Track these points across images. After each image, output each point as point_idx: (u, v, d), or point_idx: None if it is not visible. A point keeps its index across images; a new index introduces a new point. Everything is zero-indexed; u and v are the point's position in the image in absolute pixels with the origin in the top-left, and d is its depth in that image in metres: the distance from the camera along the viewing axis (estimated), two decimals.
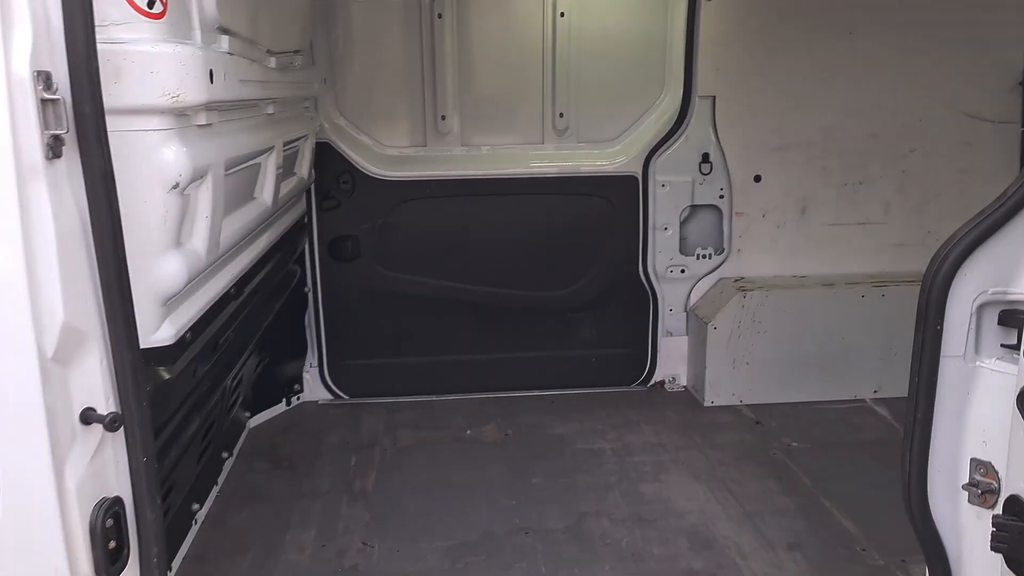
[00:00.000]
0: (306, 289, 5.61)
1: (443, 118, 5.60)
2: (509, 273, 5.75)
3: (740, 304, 5.48)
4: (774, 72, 5.56)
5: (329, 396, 5.83)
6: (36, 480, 1.67)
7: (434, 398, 5.80)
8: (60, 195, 1.66)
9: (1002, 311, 2.05)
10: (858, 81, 5.58)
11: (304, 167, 4.95)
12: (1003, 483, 1.98)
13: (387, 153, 5.65)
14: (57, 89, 1.64)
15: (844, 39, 5.52)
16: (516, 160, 5.67)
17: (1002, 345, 2.06)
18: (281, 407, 5.63)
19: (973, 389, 2.04)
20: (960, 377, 2.07)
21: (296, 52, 4.52)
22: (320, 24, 5.33)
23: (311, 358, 5.77)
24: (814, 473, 4.66)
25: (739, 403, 5.59)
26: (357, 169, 5.50)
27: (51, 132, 1.63)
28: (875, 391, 5.61)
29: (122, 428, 1.80)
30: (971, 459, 2.06)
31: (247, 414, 5.29)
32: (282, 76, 4.08)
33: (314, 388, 5.80)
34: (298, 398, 5.75)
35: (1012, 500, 1.93)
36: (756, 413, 5.47)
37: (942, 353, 2.10)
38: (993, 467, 2.01)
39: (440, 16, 5.44)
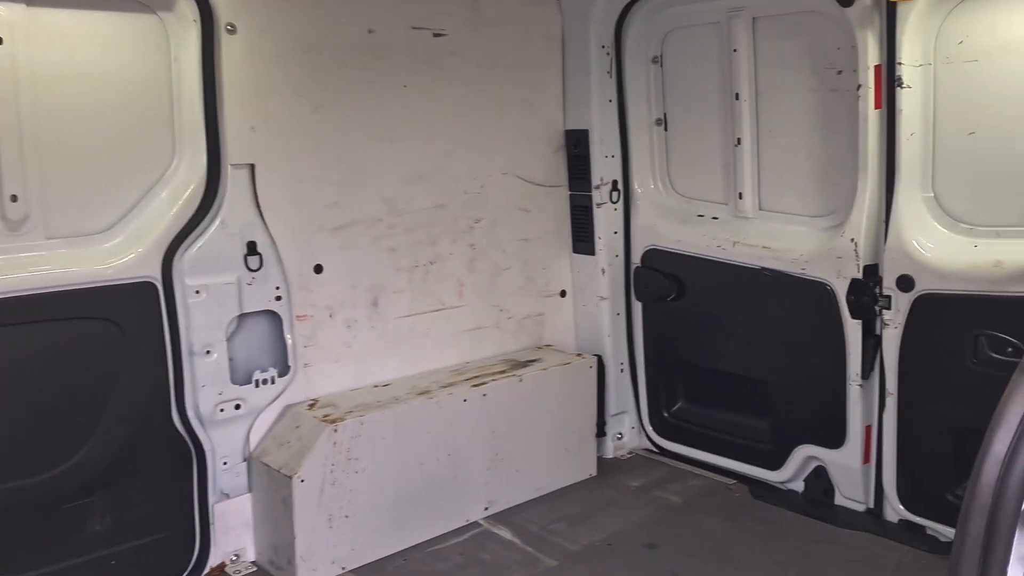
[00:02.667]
0: None
1: None
2: None
3: (331, 441, 4.06)
4: (323, 131, 4.31)
5: None
6: None
7: None
8: None
9: None
10: (419, 142, 4.66)
11: None
12: None
13: None
14: None
15: (398, 93, 4.55)
16: None
17: None
18: None
19: None
20: None
21: None
22: None
23: None
24: None
25: (343, 570, 4.16)
26: None
27: None
28: (486, 508, 4.70)
29: None
30: None
31: None
32: None
33: None
34: None
35: None
36: None
37: None
38: None
39: None
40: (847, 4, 4.07)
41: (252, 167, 4.08)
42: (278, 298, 4.20)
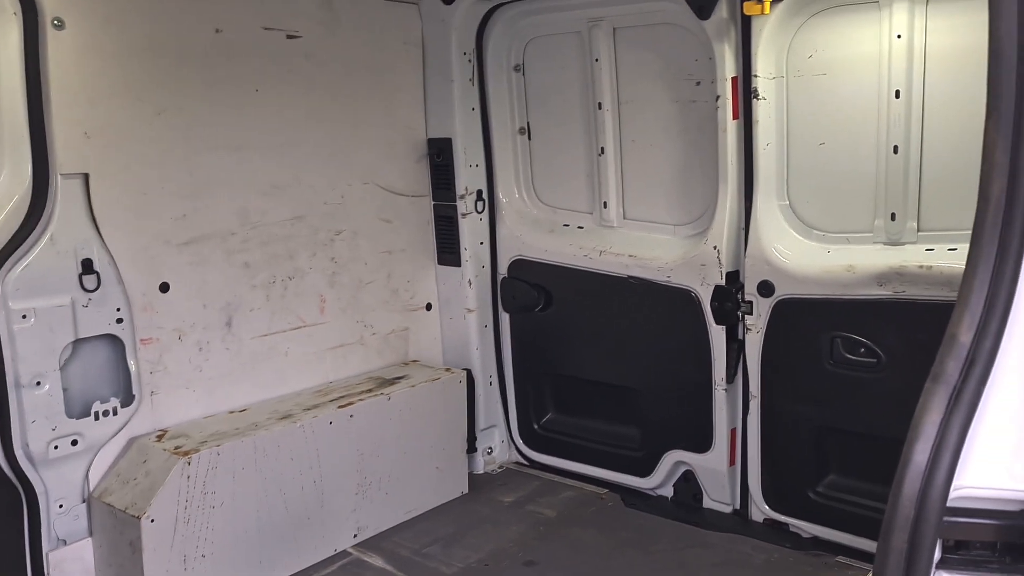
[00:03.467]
0: None
1: None
2: None
3: (183, 475, 3.71)
4: (168, 138, 3.96)
5: None
6: None
7: None
8: None
9: None
10: (274, 150, 4.38)
11: None
12: None
13: None
14: None
15: (251, 96, 4.26)
16: None
17: None
18: None
19: None
20: None
21: None
22: None
23: None
24: None
25: None
26: None
27: None
28: (355, 535, 4.46)
29: None
30: None
31: None
32: None
33: None
34: None
35: None
36: None
37: None
38: None
39: None
40: (704, 16, 4.16)
41: (86, 177, 3.69)
42: (119, 320, 3.81)
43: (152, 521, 3.62)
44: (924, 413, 1.38)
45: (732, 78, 4.17)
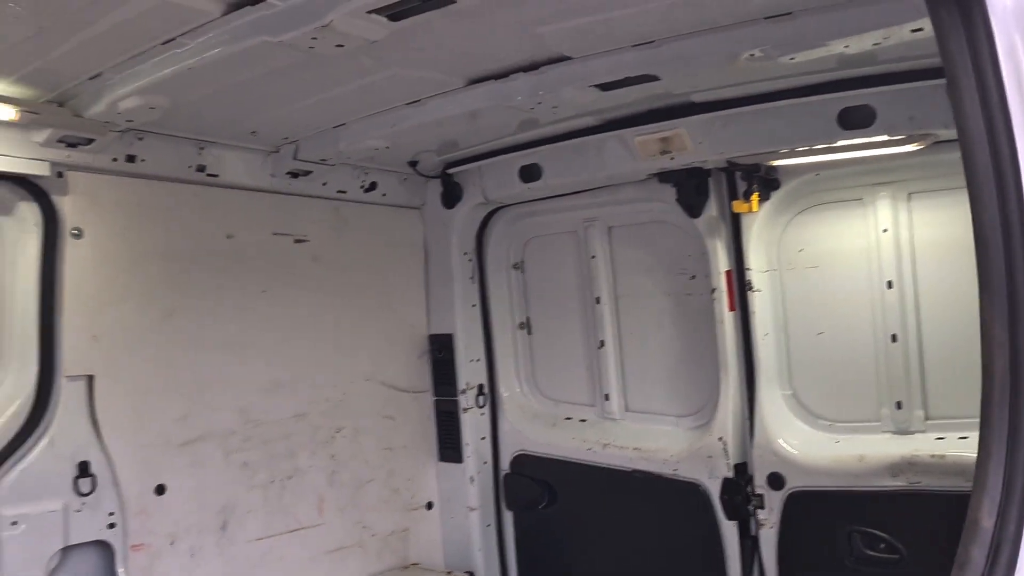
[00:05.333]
0: None
1: None
2: None
3: None
4: (175, 339, 4.02)
5: None
6: None
7: None
8: None
9: None
10: (278, 349, 4.43)
11: None
12: None
13: None
14: None
15: (258, 297, 4.37)
16: None
17: None
18: None
19: None
20: None
21: None
22: None
23: None
24: None
25: None
26: None
27: None
28: None
29: None
30: None
31: None
32: None
33: None
34: None
35: None
36: None
37: None
38: None
39: None
40: (695, 215, 4.34)
41: (90, 379, 3.70)
42: (111, 525, 3.70)
43: None
44: None
45: (726, 271, 4.29)
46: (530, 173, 4.66)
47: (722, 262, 4.29)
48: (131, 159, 3.81)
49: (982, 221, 1.41)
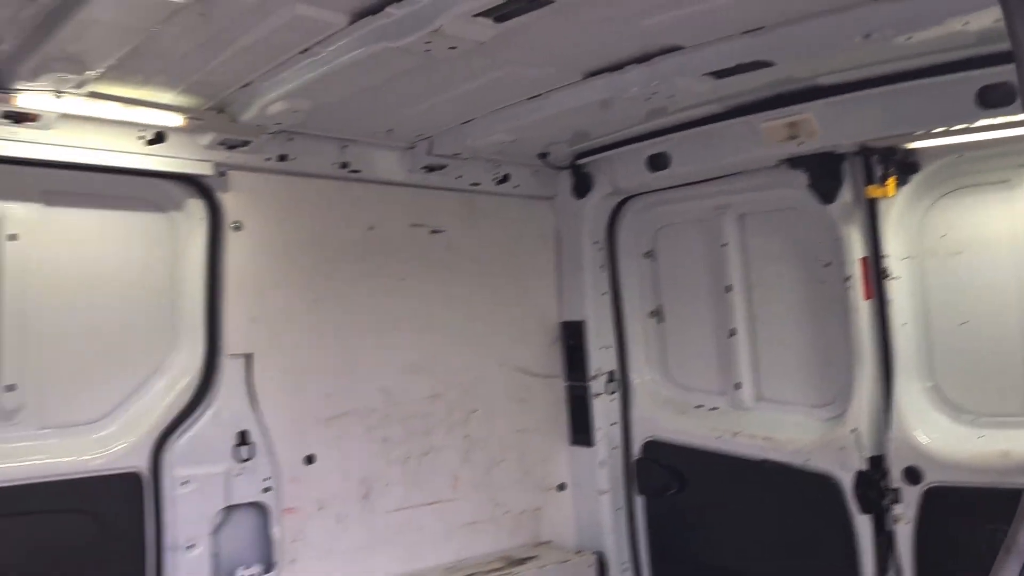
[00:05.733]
0: None
1: None
2: None
3: None
4: (322, 322, 4.38)
5: None
6: None
7: None
8: None
9: None
10: (416, 334, 4.72)
11: None
12: None
13: None
14: None
15: (397, 286, 4.67)
16: None
17: None
18: None
19: None
20: None
21: None
22: None
23: None
24: None
25: None
26: None
27: None
28: None
29: None
30: None
31: None
32: None
33: None
34: None
35: None
36: None
37: None
38: None
39: None
40: (828, 201, 4.23)
41: (249, 357, 4.11)
42: (267, 490, 4.10)
43: None
44: None
45: (861, 259, 4.16)
46: (658, 162, 4.69)
47: (857, 249, 4.16)
48: (283, 158, 4.20)
49: None
